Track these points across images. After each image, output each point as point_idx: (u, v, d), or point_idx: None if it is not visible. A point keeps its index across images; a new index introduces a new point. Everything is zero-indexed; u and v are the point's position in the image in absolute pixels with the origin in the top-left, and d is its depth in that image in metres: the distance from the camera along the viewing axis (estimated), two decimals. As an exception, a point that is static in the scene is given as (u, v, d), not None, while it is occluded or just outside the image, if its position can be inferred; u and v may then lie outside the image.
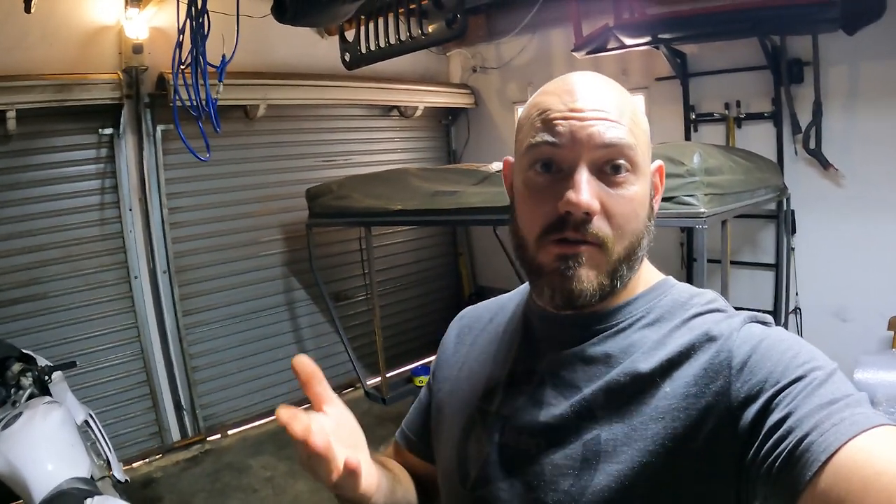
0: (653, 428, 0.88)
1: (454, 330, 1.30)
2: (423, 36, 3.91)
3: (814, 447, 0.72)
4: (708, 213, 3.30)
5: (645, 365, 0.92)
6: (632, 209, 0.94)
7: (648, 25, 4.81)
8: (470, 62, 7.46)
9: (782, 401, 0.79)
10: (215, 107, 3.95)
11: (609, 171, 0.93)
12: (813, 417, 0.74)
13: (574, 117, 0.92)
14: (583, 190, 0.90)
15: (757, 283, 5.35)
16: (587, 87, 0.96)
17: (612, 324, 1.00)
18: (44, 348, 4.41)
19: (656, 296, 1.02)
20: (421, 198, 4.70)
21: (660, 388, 0.90)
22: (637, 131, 0.96)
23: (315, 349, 6.61)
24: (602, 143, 0.91)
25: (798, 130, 4.91)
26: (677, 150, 3.45)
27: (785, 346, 0.86)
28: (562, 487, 0.92)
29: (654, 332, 0.97)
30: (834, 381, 0.80)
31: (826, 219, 4.97)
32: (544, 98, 0.98)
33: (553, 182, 0.94)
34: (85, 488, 2.84)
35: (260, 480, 5.08)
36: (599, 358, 0.97)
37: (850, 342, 4.62)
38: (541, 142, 0.94)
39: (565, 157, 0.93)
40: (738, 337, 0.89)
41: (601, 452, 0.91)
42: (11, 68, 4.52)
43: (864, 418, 0.73)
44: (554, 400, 0.98)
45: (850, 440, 0.70)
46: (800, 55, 4.84)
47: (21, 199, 4.84)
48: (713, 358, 0.88)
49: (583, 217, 0.90)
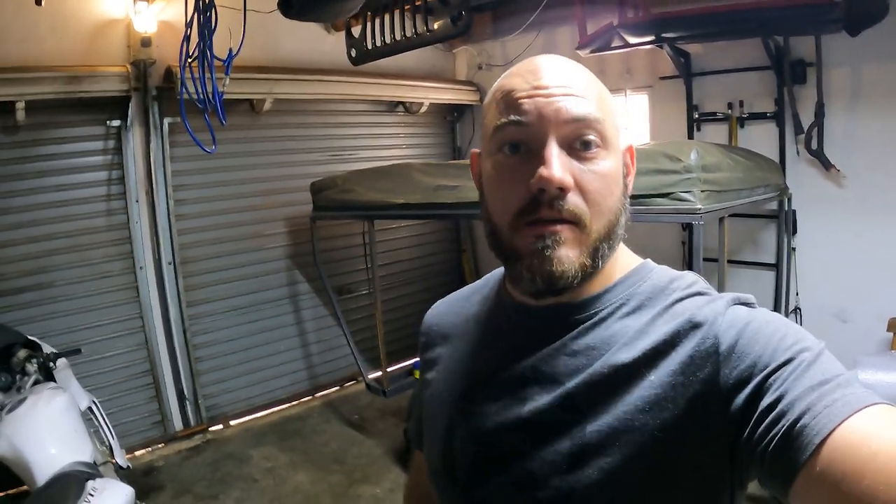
0: (640, 419, 0.86)
1: (421, 336, 1.27)
2: (429, 32, 3.94)
3: (807, 430, 0.72)
4: (704, 210, 3.31)
5: (627, 355, 0.90)
6: (606, 185, 0.91)
7: (652, 25, 4.81)
8: (475, 59, 7.49)
9: (773, 384, 0.78)
10: (222, 100, 3.98)
11: (579, 147, 0.90)
12: (805, 399, 0.74)
13: (539, 94, 0.90)
14: (554, 165, 0.87)
15: (758, 282, 5.35)
16: (551, 65, 0.94)
17: (592, 313, 0.97)
18: (49, 336, 4.43)
19: (635, 281, 1.00)
20: (423, 192, 4.72)
21: (645, 378, 0.88)
22: (604, 107, 0.93)
23: (317, 342, 6.67)
24: (570, 118, 0.89)
25: (800, 131, 4.92)
26: (675, 146, 3.46)
27: (772, 328, 0.85)
28: (552, 484, 0.90)
29: (636, 321, 0.94)
30: (823, 362, 0.80)
31: (827, 219, 4.98)
32: (508, 80, 0.96)
33: (522, 162, 0.91)
34: (87, 471, 2.89)
35: (261, 471, 5.12)
36: (581, 351, 0.95)
37: (850, 343, 4.62)
38: (506, 122, 0.92)
39: (533, 136, 0.90)
40: (723, 321, 0.88)
41: (589, 446, 0.89)
42: (21, 60, 4.58)
43: (856, 398, 0.73)
44: (537, 396, 0.95)
45: (844, 421, 0.71)
46: (803, 56, 4.86)
47: (29, 189, 4.89)
48: (699, 345, 0.87)
49: (556, 193, 0.87)
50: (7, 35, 4.58)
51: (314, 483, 4.87)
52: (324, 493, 4.74)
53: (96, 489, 2.73)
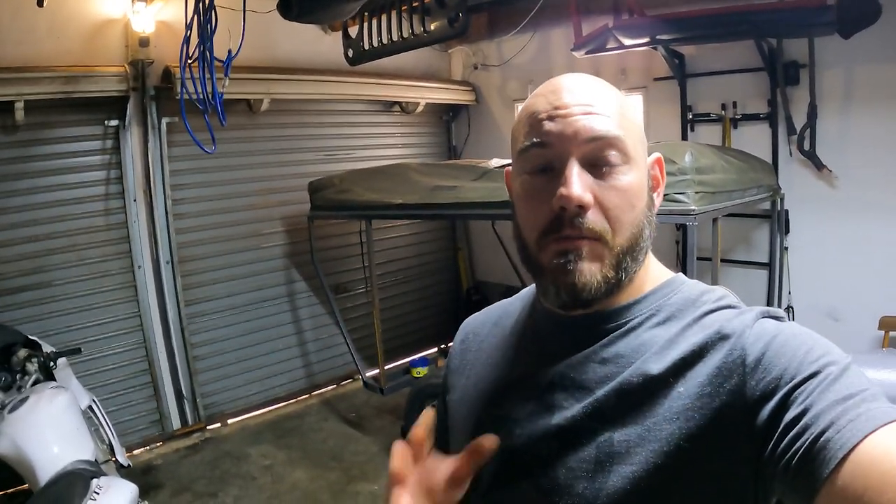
0: (667, 429, 0.87)
1: (458, 338, 1.28)
2: (426, 33, 3.95)
3: (831, 444, 0.71)
4: (698, 211, 3.36)
5: (657, 365, 0.91)
6: (626, 200, 0.93)
7: (647, 26, 4.85)
8: (471, 59, 7.53)
9: (798, 397, 0.78)
10: (221, 101, 4.00)
11: (601, 164, 0.92)
12: (829, 413, 0.74)
13: (559, 115, 0.93)
14: (573, 183, 0.89)
15: (750, 281, 5.40)
16: (572, 85, 0.96)
17: (622, 322, 0.98)
18: (48, 335, 4.46)
19: (666, 293, 1.01)
20: (421, 192, 4.76)
21: (673, 388, 0.89)
22: (626, 123, 0.95)
23: (314, 340, 6.70)
24: (590, 137, 0.91)
25: (793, 132, 4.97)
26: (670, 148, 3.50)
27: (798, 341, 0.85)
28: (576, 490, 0.91)
29: (665, 331, 0.95)
30: (849, 376, 0.79)
31: (819, 219, 5.03)
32: (532, 101, 0.99)
33: (547, 182, 0.93)
34: (91, 469, 2.92)
35: (259, 468, 5.15)
36: (610, 359, 0.96)
37: (842, 341, 4.53)
38: (529, 145, 0.95)
39: (555, 156, 0.93)
40: (750, 334, 0.88)
41: (614, 454, 0.89)
42: (20, 60, 4.59)
43: (880, 413, 0.73)
44: (566, 402, 0.96)
45: (868, 436, 0.70)
46: (796, 58, 4.90)
47: (27, 188, 4.91)
48: (727, 356, 0.87)
49: (576, 211, 0.90)
50: (6, 35, 4.59)
51: (312, 480, 4.91)
52: (322, 490, 4.77)
53: (101, 487, 2.75)
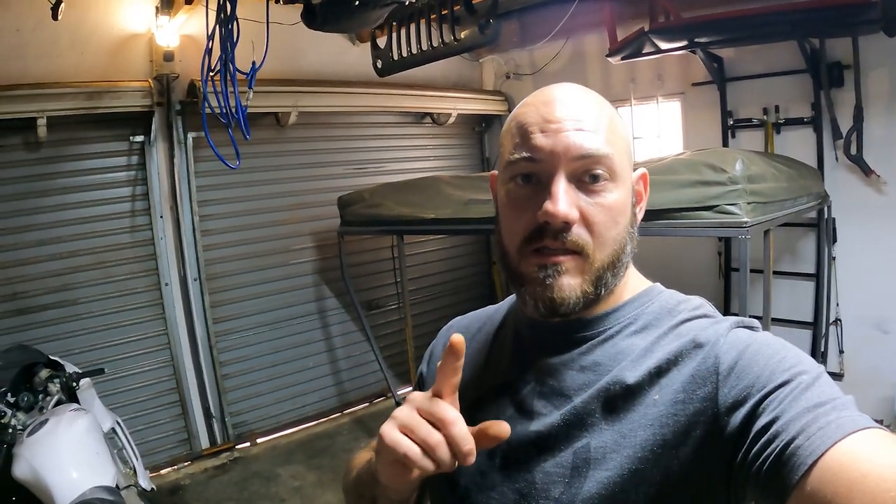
0: (642, 435, 0.89)
1: (442, 340, 1.33)
2: (456, 42, 3.88)
3: (800, 451, 0.73)
4: (751, 223, 3.23)
5: (634, 373, 0.93)
6: (611, 217, 0.96)
7: (685, 29, 4.73)
8: (503, 68, 7.43)
9: (769, 405, 0.80)
10: (245, 114, 3.93)
11: (587, 180, 0.95)
12: (800, 421, 0.76)
13: (551, 129, 0.95)
14: (560, 199, 0.92)
15: (797, 293, 5.23)
16: (563, 98, 0.99)
17: (600, 331, 1.01)
18: (73, 354, 4.45)
19: (643, 302, 1.04)
20: (454, 206, 4.68)
21: (649, 395, 0.91)
22: (615, 139, 0.97)
23: (346, 357, 6.61)
24: (579, 154, 0.93)
25: (839, 136, 4.80)
26: (718, 156, 3.38)
27: (771, 350, 0.88)
28: (552, 495, 0.93)
29: (642, 340, 0.98)
30: (820, 385, 0.81)
31: (868, 227, 4.86)
32: (522, 110, 1.01)
33: (533, 193, 0.96)
34: (109, 498, 2.82)
35: (288, 490, 5.06)
36: (588, 367, 0.99)
37: (891, 354, 4.52)
38: (519, 158, 0.97)
39: (543, 170, 0.95)
40: (724, 342, 0.91)
41: (591, 460, 0.92)
42: (42, 76, 4.57)
43: (849, 421, 0.74)
44: (544, 409, 0.99)
45: (836, 443, 0.71)
46: (840, 58, 4.75)
47: (52, 205, 4.88)
48: (700, 364, 0.90)
49: (561, 226, 0.93)
50: (26, 49, 4.57)
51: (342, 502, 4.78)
52: (351, 513, 4.65)
53: (119, 516, 2.67)
